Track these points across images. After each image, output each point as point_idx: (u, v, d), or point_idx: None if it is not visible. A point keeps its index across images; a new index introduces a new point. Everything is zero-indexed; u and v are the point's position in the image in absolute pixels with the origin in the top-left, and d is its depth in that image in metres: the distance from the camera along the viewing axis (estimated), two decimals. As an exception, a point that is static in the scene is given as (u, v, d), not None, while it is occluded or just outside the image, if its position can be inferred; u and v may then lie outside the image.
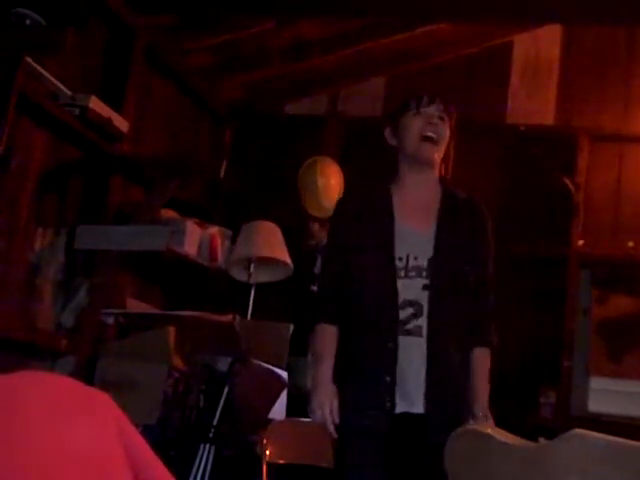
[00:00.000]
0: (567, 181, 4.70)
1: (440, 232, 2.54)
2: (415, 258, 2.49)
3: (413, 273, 2.49)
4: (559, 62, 5.03)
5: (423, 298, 2.47)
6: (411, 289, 2.48)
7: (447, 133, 2.60)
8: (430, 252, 2.50)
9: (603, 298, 4.66)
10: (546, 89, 5.01)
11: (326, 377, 2.51)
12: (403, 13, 4.20)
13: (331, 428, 2.48)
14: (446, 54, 5.10)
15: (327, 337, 2.56)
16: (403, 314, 2.46)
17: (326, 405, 2.47)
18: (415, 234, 2.55)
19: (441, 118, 2.58)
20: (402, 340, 2.45)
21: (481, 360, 2.53)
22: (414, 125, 2.57)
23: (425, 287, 2.48)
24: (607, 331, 4.61)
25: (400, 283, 2.48)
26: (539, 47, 5.07)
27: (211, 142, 5.19)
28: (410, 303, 2.47)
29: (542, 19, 4.56)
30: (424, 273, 2.48)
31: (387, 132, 2.67)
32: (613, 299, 4.65)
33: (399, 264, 2.49)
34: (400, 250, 2.51)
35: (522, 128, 4.90)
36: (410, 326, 2.46)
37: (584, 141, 4.78)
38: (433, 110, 2.57)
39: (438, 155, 2.60)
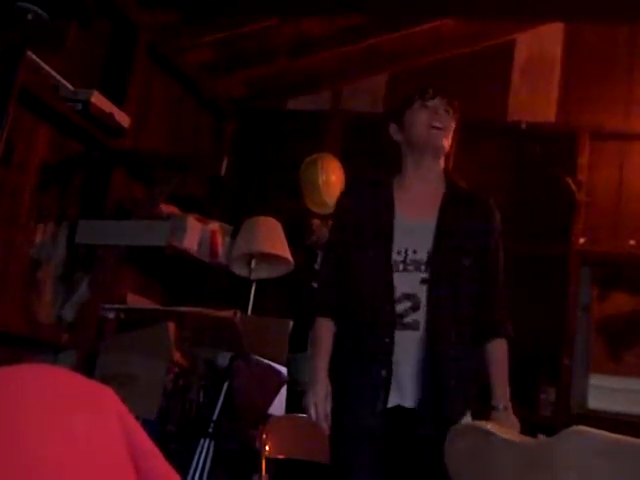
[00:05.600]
0: (568, 179, 4.69)
1: (441, 224, 2.52)
2: (414, 252, 2.48)
3: (412, 267, 2.47)
4: (561, 60, 5.02)
5: (421, 292, 2.46)
6: (409, 283, 2.46)
7: (453, 125, 2.59)
8: (430, 245, 2.49)
9: (603, 296, 4.66)
10: (548, 87, 5.00)
11: (321, 375, 2.52)
12: (405, 10, 4.20)
13: (323, 427, 2.49)
14: (448, 52, 5.10)
15: (324, 331, 2.56)
16: (400, 308, 2.45)
17: (319, 405, 2.48)
18: (416, 227, 2.53)
19: (446, 111, 2.58)
20: (399, 334, 2.44)
21: (497, 351, 2.52)
22: (421, 117, 2.57)
23: (423, 281, 2.46)
24: (607, 329, 4.61)
25: (397, 277, 2.47)
26: (541, 45, 5.06)
27: (212, 138, 5.19)
28: (407, 297, 2.46)
29: (544, 17, 4.56)
30: (422, 267, 2.47)
31: (392, 128, 2.65)
32: (613, 297, 4.64)
33: (397, 257, 2.48)
34: (399, 243, 2.50)
35: (523, 126, 4.89)
36: (408, 320, 2.45)
37: (585, 139, 4.77)
38: (438, 103, 2.57)
39: (447, 143, 2.59)
